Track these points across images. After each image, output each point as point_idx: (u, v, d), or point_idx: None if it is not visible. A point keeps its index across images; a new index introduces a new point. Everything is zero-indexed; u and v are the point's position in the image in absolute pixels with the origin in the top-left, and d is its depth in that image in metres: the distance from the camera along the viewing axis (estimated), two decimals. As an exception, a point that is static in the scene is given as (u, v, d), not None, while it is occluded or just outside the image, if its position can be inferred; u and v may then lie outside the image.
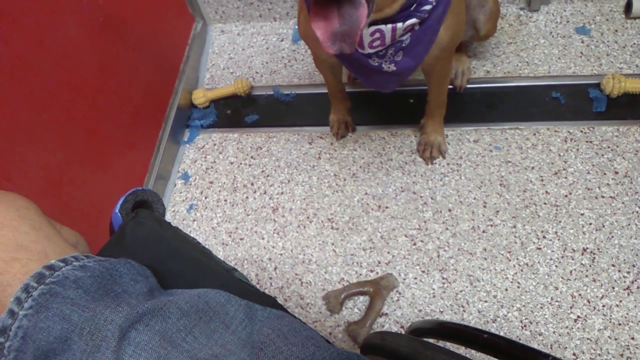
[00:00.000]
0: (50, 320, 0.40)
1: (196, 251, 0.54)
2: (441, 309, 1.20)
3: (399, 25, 0.93)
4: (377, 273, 1.27)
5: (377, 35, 0.95)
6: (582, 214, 1.27)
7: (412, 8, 0.92)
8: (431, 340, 0.74)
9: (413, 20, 0.93)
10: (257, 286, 1.28)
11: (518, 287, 1.20)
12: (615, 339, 1.12)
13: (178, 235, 0.55)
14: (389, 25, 0.93)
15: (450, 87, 1.51)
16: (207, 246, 1.37)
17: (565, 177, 1.33)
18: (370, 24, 0.94)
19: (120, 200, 0.60)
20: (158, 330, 0.41)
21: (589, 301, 1.17)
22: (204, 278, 0.51)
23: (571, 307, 1.16)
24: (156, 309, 0.42)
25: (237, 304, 0.46)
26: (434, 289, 1.23)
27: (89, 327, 0.40)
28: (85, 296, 0.42)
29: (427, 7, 0.93)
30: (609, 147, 1.36)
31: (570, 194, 1.31)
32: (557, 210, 1.29)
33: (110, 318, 0.40)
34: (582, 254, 1.22)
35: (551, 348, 1.12)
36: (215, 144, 1.59)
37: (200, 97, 1.65)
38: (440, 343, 0.90)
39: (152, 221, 0.54)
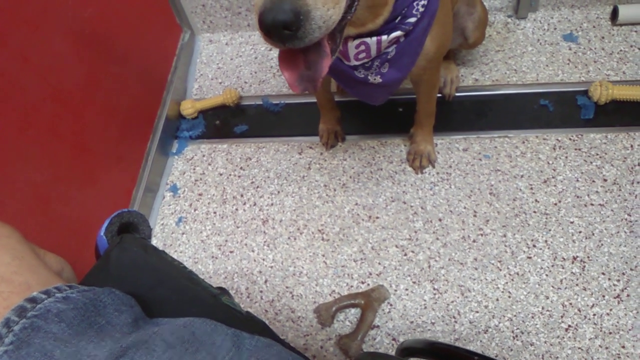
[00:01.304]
0: (31, 356, 0.39)
1: (182, 276, 0.53)
2: (433, 320, 1.19)
3: (384, 37, 0.93)
4: (368, 284, 1.26)
5: (362, 47, 0.95)
6: (572, 222, 1.28)
7: (396, 21, 0.92)
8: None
9: (398, 33, 0.93)
10: (248, 300, 1.28)
11: (509, 297, 1.20)
12: (606, 348, 1.12)
13: (163, 260, 0.54)
14: (374, 38, 0.93)
15: (439, 95, 1.51)
16: (196, 260, 1.37)
17: (555, 185, 1.33)
18: (355, 37, 0.94)
19: (106, 222, 0.59)
20: (143, 365, 0.40)
21: (579, 310, 1.17)
22: (190, 305, 0.51)
23: (562, 317, 1.16)
24: (140, 342, 0.41)
25: (224, 333, 0.45)
26: (425, 300, 1.22)
27: (72, 363, 0.39)
28: (68, 330, 0.41)
29: (412, 20, 0.93)
30: (597, 154, 1.36)
31: (560, 202, 1.31)
32: (546, 218, 1.29)
33: (93, 353, 0.39)
34: (572, 263, 1.22)
35: (543, 358, 1.12)
36: (204, 155, 1.58)
37: (188, 107, 1.64)
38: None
39: (137, 246, 0.53)
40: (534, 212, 1.30)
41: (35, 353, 0.39)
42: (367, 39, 0.94)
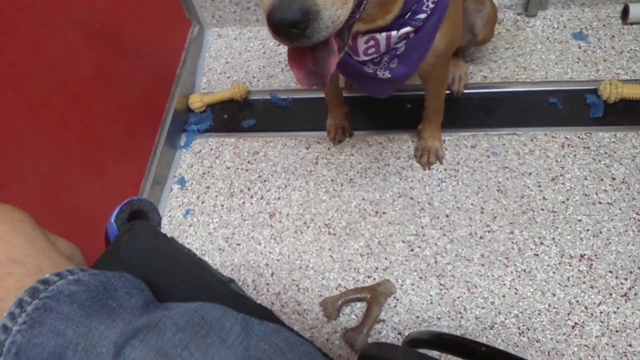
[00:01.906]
0: (44, 335, 0.39)
1: (192, 263, 0.53)
2: (438, 316, 1.20)
3: (394, 33, 0.93)
4: (375, 279, 1.27)
5: (372, 43, 0.95)
6: (580, 220, 1.27)
7: (406, 17, 0.92)
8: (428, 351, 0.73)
9: (407, 29, 0.93)
10: (254, 292, 1.28)
11: (515, 294, 1.20)
12: (613, 346, 1.12)
13: (174, 247, 0.54)
14: (384, 34, 0.93)
15: (448, 92, 1.51)
16: (203, 252, 1.37)
17: (563, 183, 1.33)
18: (365, 33, 0.94)
19: (116, 210, 0.60)
20: (153, 346, 0.40)
21: (586, 308, 1.17)
22: (200, 291, 0.51)
23: (569, 314, 1.16)
24: (152, 324, 0.41)
25: (234, 317, 0.46)
26: (431, 295, 1.22)
27: (84, 343, 0.39)
28: (79, 311, 0.41)
29: (422, 16, 0.92)
30: (606, 153, 1.36)
31: (568, 200, 1.31)
32: (554, 216, 1.29)
33: (105, 334, 0.40)
34: (580, 260, 1.22)
35: (549, 355, 1.12)
36: (211, 149, 1.59)
37: (196, 101, 1.65)
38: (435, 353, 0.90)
39: (148, 233, 0.54)
40: (542, 209, 1.30)
41: (48, 333, 0.39)
42: (377, 35, 0.94)
